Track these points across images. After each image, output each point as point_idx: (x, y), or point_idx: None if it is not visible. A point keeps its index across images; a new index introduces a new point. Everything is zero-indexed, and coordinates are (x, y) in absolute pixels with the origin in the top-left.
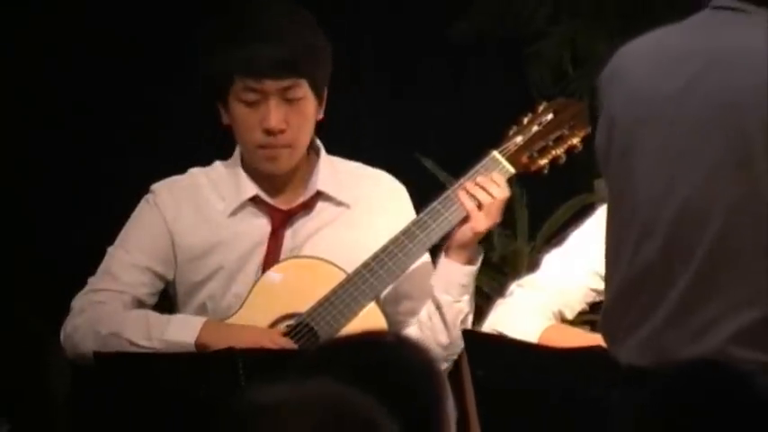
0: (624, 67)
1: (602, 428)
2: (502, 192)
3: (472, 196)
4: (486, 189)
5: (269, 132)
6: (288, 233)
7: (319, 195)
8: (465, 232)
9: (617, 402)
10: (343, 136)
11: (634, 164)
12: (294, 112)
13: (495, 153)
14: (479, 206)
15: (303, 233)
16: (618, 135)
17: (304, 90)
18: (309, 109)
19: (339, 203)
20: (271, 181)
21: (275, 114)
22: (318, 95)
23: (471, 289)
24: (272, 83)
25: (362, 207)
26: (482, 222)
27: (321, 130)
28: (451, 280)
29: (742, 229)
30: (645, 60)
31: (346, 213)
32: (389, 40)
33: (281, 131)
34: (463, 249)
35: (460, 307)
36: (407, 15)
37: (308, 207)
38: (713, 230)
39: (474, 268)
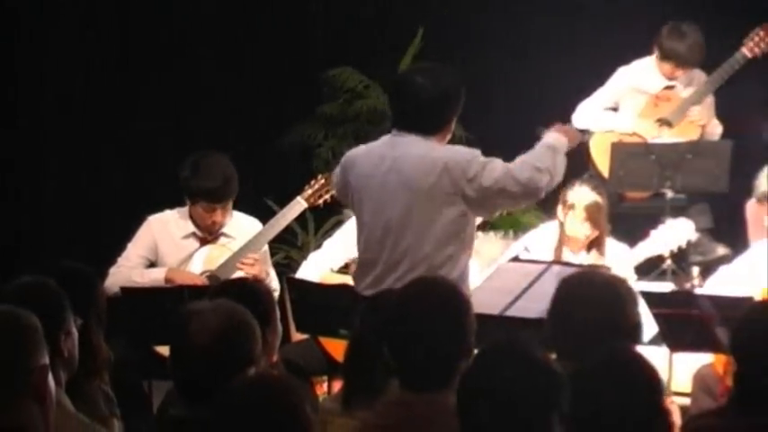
0: (354, 158)
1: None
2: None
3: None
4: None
5: (213, 223)
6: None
7: (222, 233)
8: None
9: (362, 315)
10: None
11: (363, 204)
12: (224, 210)
13: (299, 198)
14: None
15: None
16: (353, 191)
17: (230, 201)
18: (231, 206)
19: (229, 236)
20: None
21: (216, 217)
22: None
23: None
24: (217, 205)
25: (239, 236)
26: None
27: None
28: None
29: (408, 236)
30: (364, 157)
31: (232, 241)
32: (255, 146)
33: (219, 222)
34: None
35: None
36: (249, 130)
37: (216, 238)
38: (398, 236)
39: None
